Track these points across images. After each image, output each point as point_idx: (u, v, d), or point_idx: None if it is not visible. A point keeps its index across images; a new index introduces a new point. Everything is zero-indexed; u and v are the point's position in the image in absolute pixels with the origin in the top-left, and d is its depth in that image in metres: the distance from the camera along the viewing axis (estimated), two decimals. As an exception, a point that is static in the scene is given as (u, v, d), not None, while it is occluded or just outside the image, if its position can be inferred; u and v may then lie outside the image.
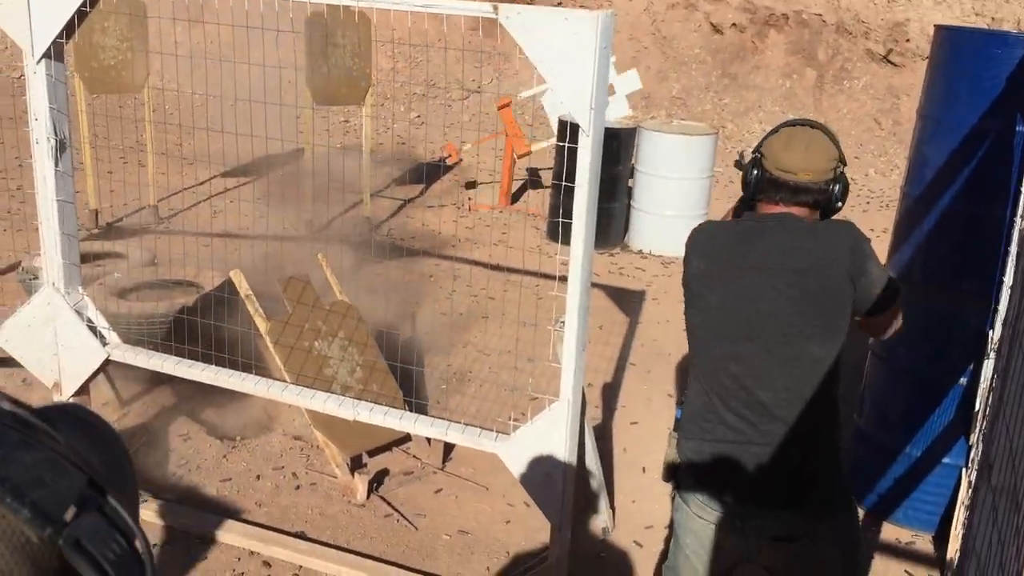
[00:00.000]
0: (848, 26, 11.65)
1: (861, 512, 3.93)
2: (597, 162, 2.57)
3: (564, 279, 2.65)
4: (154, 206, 7.31)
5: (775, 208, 2.25)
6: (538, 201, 8.73)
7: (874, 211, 9.04)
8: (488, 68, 12.53)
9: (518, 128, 8.05)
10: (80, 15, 2.94)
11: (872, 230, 8.07)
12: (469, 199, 8.55)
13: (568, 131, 2.53)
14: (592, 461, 3.60)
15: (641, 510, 3.93)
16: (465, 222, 7.79)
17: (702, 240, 2.31)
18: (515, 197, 8.80)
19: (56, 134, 3.09)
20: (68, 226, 3.23)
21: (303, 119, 7.18)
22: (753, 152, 2.31)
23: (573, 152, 2.53)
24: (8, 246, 5.67)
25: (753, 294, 2.18)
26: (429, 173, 8.70)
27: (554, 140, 7.60)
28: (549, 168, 8.91)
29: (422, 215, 8.05)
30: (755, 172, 2.27)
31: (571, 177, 2.56)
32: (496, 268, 5.84)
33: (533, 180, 9.35)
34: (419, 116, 11.69)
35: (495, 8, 2.46)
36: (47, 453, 0.55)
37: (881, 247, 4.17)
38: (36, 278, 4.12)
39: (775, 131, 2.30)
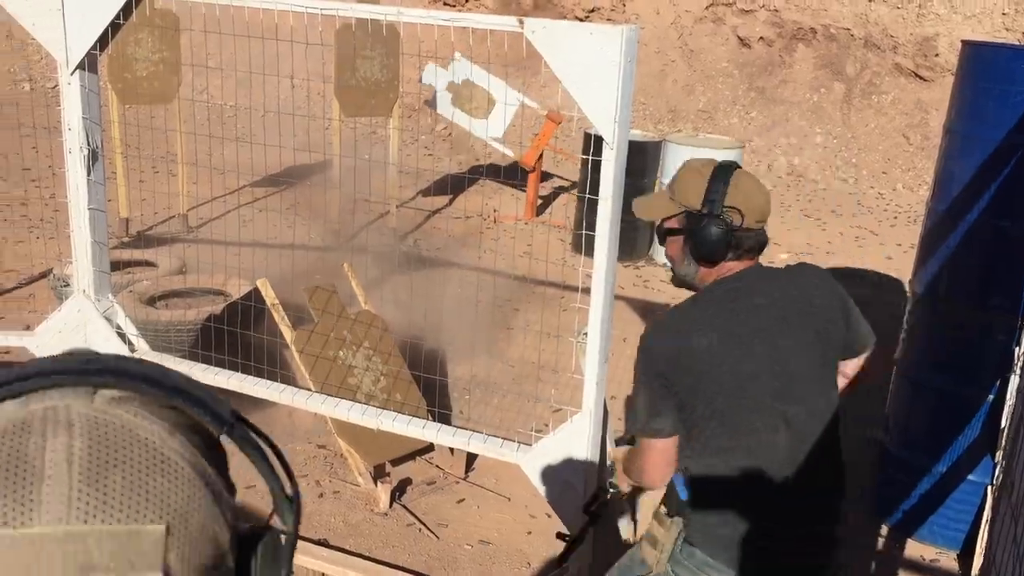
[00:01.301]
0: (876, 40, 11.59)
1: (885, 528, 3.91)
2: (621, 175, 2.58)
3: (587, 291, 2.66)
4: (184, 215, 7.41)
5: (739, 264, 2.09)
6: (565, 213, 8.75)
7: (901, 226, 8.99)
8: (517, 80, 12.58)
9: (534, 150, 8.19)
10: (114, 27, 2.99)
11: (899, 245, 8.03)
12: (495, 211, 8.59)
13: (593, 144, 2.55)
14: (614, 473, 3.60)
15: (663, 523, 3.91)
16: (490, 234, 7.82)
17: (690, 319, 2.07)
18: (540, 209, 8.83)
19: (89, 144, 3.15)
20: (99, 234, 3.28)
21: (331, 130, 7.25)
22: (710, 209, 2.03)
23: (598, 165, 2.54)
24: (41, 253, 5.75)
25: (778, 354, 2.00)
26: (454, 185, 8.75)
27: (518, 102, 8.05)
28: (564, 178, 8.92)
29: (448, 226, 8.09)
30: (740, 226, 2.02)
31: (596, 189, 2.57)
32: (521, 279, 5.87)
33: (559, 190, 9.38)
34: (446, 127, 11.75)
35: (520, 22, 2.49)
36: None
37: (908, 262, 4.16)
38: (67, 285, 4.19)
39: (724, 181, 2.04)
